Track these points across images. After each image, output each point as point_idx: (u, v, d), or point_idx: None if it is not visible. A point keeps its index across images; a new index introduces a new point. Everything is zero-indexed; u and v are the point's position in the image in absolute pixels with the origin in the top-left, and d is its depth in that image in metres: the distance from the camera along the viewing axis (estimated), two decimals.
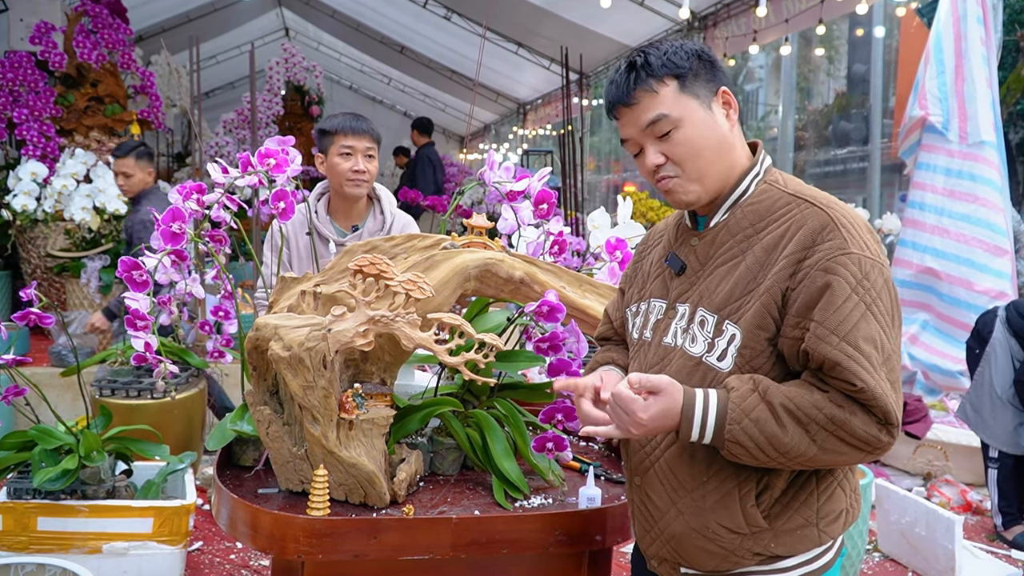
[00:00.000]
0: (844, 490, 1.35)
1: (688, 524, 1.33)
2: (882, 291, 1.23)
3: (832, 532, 1.33)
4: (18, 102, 5.28)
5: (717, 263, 1.35)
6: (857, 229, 1.26)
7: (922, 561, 3.04)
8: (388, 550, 1.49)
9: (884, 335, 1.22)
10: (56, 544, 2.36)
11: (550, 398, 1.87)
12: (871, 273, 1.22)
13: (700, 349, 1.33)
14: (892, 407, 1.20)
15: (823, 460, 1.23)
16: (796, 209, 1.30)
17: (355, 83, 16.68)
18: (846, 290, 1.21)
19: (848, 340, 1.20)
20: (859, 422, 1.20)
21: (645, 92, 1.32)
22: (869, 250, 1.24)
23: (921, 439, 4.00)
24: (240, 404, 1.84)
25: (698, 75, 1.33)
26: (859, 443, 1.21)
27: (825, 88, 11.31)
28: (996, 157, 4.62)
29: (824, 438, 1.21)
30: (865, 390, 1.19)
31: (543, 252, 2.01)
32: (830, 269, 1.22)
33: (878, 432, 1.21)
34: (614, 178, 14.39)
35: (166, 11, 9.94)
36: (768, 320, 1.26)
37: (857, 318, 1.20)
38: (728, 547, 1.31)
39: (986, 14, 4.69)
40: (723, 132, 1.35)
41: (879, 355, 1.21)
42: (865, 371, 1.19)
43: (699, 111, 1.33)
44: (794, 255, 1.25)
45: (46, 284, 4.80)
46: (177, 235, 1.87)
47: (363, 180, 2.77)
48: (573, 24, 8.98)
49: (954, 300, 4.62)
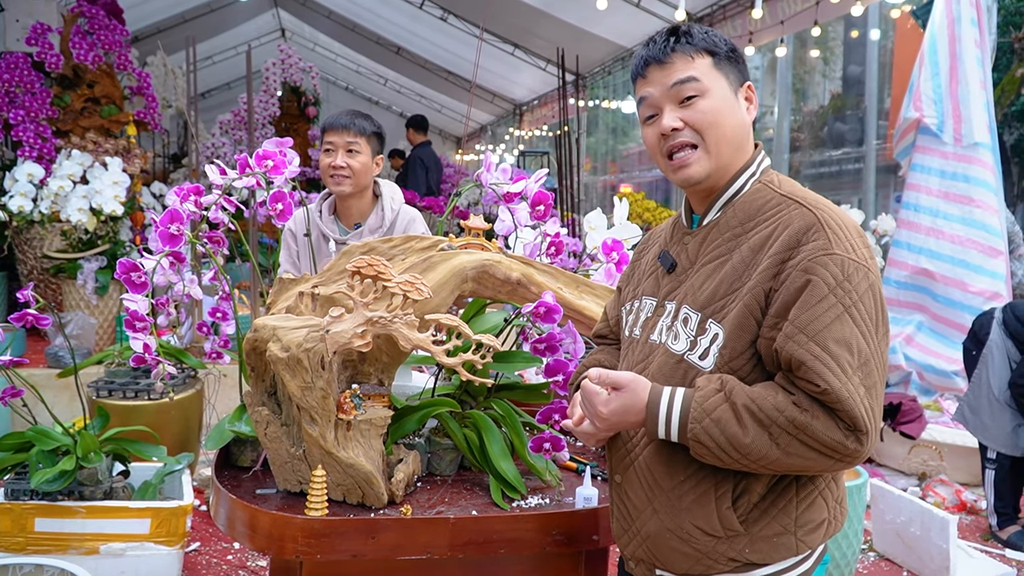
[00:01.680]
0: (826, 500, 1.32)
1: (663, 524, 1.33)
2: (865, 295, 1.21)
3: (811, 542, 1.30)
4: (14, 103, 5.27)
5: (704, 261, 1.35)
6: (845, 231, 1.24)
7: (917, 561, 3.05)
8: (386, 550, 1.50)
9: (862, 339, 1.19)
10: (54, 545, 2.36)
11: (547, 399, 1.87)
12: (854, 276, 1.20)
13: (682, 347, 1.33)
14: (861, 412, 1.17)
15: (789, 464, 1.21)
16: (785, 209, 1.29)
17: (351, 84, 16.68)
18: (823, 290, 1.19)
19: (817, 340, 1.18)
20: (820, 426, 1.17)
21: (681, 56, 1.34)
22: (855, 253, 1.22)
23: (916, 439, 4.01)
24: (238, 405, 1.85)
25: (732, 61, 1.36)
26: (824, 449, 1.18)
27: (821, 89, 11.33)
28: (991, 158, 4.64)
29: (787, 441, 1.19)
30: (829, 392, 1.16)
31: (540, 253, 2.02)
32: (810, 269, 1.21)
33: (842, 438, 1.17)
34: (610, 179, 14.40)
35: (162, 12, 9.93)
36: (751, 321, 1.25)
37: (831, 319, 1.18)
38: (702, 549, 1.29)
39: (980, 16, 4.71)
40: (743, 118, 1.37)
41: (852, 358, 1.18)
42: (831, 372, 1.17)
43: (727, 89, 1.35)
44: (778, 255, 1.24)
45: (42, 285, 4.80)
46: (175, 236, 1.88)
47: (343, 176, 2.70)
48: (569, 25, 9.00)
49: (949, 301, 4.64)
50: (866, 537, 3.31)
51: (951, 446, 4.01)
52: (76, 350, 3.92)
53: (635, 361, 1.42)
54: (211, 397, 3.53)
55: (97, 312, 4.50)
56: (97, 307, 4.52)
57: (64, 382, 3.53)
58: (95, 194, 4.38)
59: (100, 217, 4.44)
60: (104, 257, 4.54)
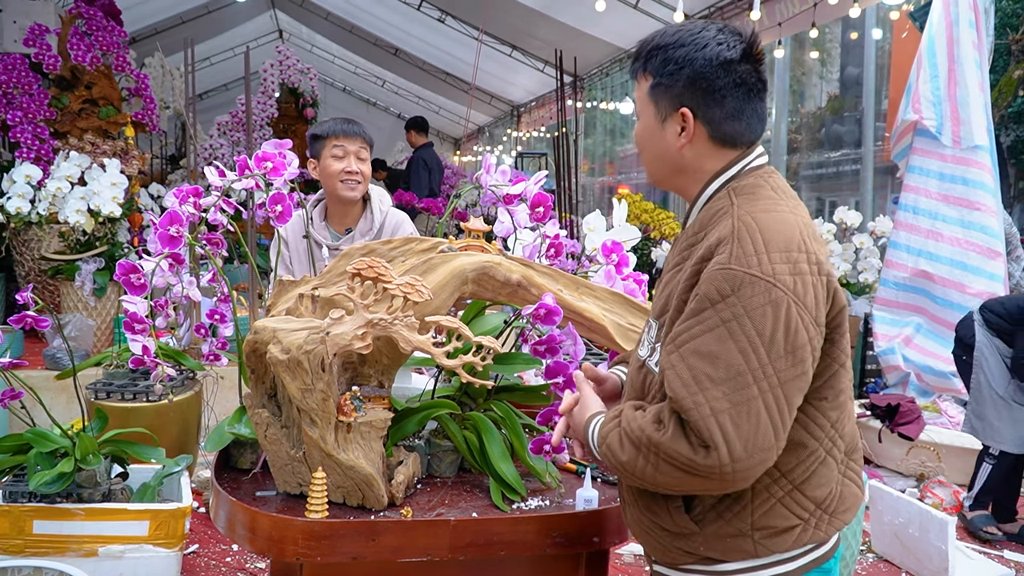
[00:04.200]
0: (789, 507, 1.29)
1: (635, 515, 1.39)
2: (756, 311, 1.17)
3: (773, 546, 1.29)
4: (12, 104, 5.26)
5: (668, 268, 1.40)
6: (758, 246, 1.20)
7: (915, 562, 3.06)
8: (386, 552, 1.50)
9: (737, 353, 1.16)
10: (52, 547, 2.35)
11: (547, 400, 1.87)
12: (746, 291, 1.17)
13: (645, 353, 1.39)
14: (706, 425, 1.15)
15: (665, 482, 1.22)
16: (722, 218, 1.29)
17: (349, 85, 16.68)
18: (704, 304, 1.20)
19: (681, 351, 1.20)
20: (670, 441, 1.18)
21: (639, 76, 1.41)
22: (759, 268, 1.18)
23: (914, 440, 4.02)
24: (238, 407, 1.84)
25: (669, 88, 1.34)
26: (680, 465, 1.18)
27: (818, 91, 11.35)
28: (989, 161, 4.65)
29: (654, 461, 1.20)
30: (675, 400, 1.18)
31: (539, 255, 2.02)
32: (702, 282, 1.22)
33: (691, 453, 1.16)
34: (608, 180, 14.41)
35: (160, 13, 9.93)
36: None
37: (701, 331, 1.19)
38: (662, 542, 1.35)
39: (978, 18, 4.71)
40: (666, 147, 1.37)
41: (714, 371, 1.16)
42: (680, 382, 1.17)
43: (651, 118, 1.38)
44: (698, 265, 1.27)
45: (40, 287, 4.78)
46: (174, 238, 1.87)
47: (356, 181, 2.78)
48: (567, 27, 9.00)
49: (947, 303, 4.65)
50: (864, 538, 3.31)
51: (949, 447, 4.01)
52: (74, 352, 3.91)
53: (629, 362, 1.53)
54: (209, 399, 3.52)
55: (95, 314, 4.49)
56: (95, 309, 4.51)
57: (62, 384, 3.52)
58: (93, 195, 4.37)
59: (98, 218, 4.43)
60: (102, 259, 4.53)
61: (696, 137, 1.35)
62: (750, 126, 1.36)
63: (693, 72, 1.32)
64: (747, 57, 1.33)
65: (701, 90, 1.32)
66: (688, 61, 1.32)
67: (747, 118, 1.35)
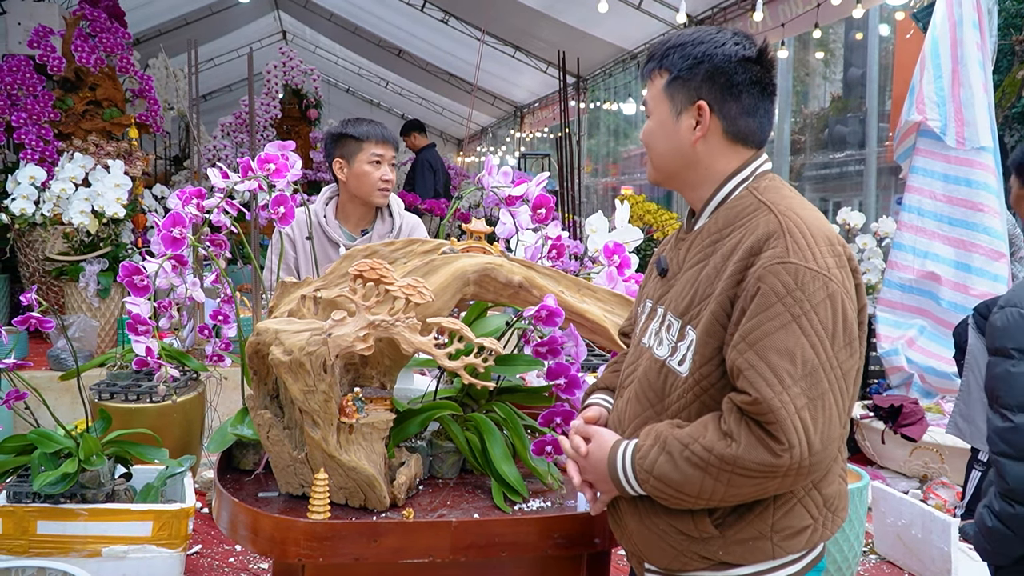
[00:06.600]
0: (807, 507, 1.31)
1: (643, 520, 1.36)
2: (820, 304, 1.19)
3: (790, 547, 1.30)
4: (16, 106, 5.28)
5: (688, 266, 1.38)
6: (808, 239, 1.23)
7: (918, 563, 3.05)
8: (388, 553, 1.50)
9: (810, 349, 1.18)
10: (56, 548, 2.36)
11: (548, 402, 1.88)
12: (808, 285, 1.19)
13: (664, 353, 1.36)
14: (791, 423, 1.16)
15: (740, 494, 1.22)
16: (756, 215, 1.30)
17: (352, 86, 16.69)
18: (772, 299, 1.19)
19: (756, 349, 1.18)
20: (745, 452, 1.17)
21: (652, 74, 1.42)
22: (815, 261, 1.21)
23: (917, 441, 4.01)
24: (240, 408, 1.85)
25: (687, 82, 1.36)
26: (759, 474, 1.18)
27: (821, 92, 11.33)
28: (992, 162, 4.64)
29: (726, 478, 1.20)
30: (760, 402, 1.16)
31: (541, 256, 2.02)
32: (763, 277, 1.21)
33: (771, 458, 1.17)
34: (611, 181, 14.40)
35: (163, 14, 9.94)
36: (717, 327, 1.26)
37: (775, 328, 1.18)
38: (677, 547, 1.32)
39: (981, 19, 4.70)
40: (680, 141, 1.38)
41: (794, 368, 1.17)
42: (764, 382, 1.16)
43: (667, 114, 1.39)
44: (742, 262, 1.25)
45: (44, 288, 4.80)
46: (178, 240, 1.88)
47: (389, 189, 2.81)
48: (570, 27, 9.00)
49: (952, 304, 4.64)
50: (867, 539, 3.31)
51: (952, 448, 4.00)
52: (78, 353, 3.92)
53: (630, 362, 1.47)
54: (212, 400, 3.53)
55: (99, 315, 4.51)
56: (99, 309, 4.52)
57: (66, 385, 3.53)
58: (97, 196, 4.38)
59: (102, 220, 4.45)
60: (106, 260, 4.54)
61: (711, 132, 1.37)
62: (761, 125, 1.39)
63: (712, 66, 1.35)
64: (761, 59, 1.37)
65: (719, 84, 1.35)
66: (708, 56, 1.35)
67: (760, 117, 1.39)
